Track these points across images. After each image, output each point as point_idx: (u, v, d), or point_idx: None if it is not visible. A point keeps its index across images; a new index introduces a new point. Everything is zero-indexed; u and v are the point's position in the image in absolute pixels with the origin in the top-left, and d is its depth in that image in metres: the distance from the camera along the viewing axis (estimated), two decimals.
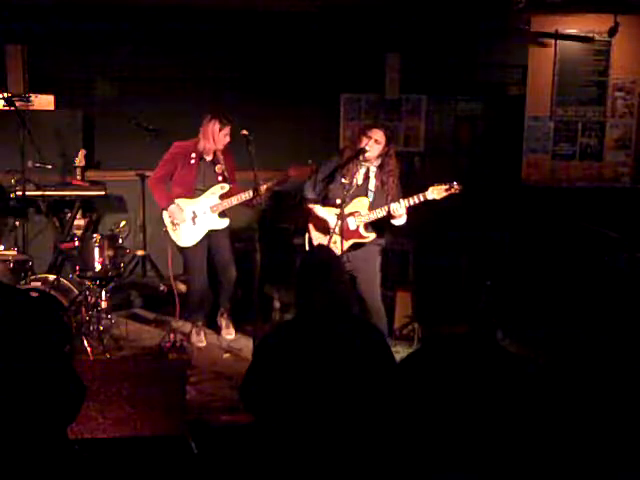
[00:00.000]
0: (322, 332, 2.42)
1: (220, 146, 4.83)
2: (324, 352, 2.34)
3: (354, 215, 4.41)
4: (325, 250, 3.20)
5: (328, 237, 4.31)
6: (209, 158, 4.89)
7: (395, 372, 1.79)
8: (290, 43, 6.49)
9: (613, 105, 6.70)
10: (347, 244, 4.41)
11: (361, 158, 4.31)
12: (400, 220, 4.35)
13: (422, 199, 4.27)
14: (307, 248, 4.58)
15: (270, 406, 2.34)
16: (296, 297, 2.56)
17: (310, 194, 4.54)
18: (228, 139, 4.84)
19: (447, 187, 4.24)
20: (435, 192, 4.25)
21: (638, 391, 3.71)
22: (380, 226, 4.47)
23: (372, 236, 4.46)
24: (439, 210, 4.48)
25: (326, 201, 4.50)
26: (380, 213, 4.35)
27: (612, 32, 6.42)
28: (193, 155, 4.83)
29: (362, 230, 4.43)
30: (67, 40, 6.24)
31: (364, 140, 4.31)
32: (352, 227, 4.42)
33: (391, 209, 4.28)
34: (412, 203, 4.28)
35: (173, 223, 4.85)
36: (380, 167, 4.43)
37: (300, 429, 2.13)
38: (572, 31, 6.52)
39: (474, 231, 5.94)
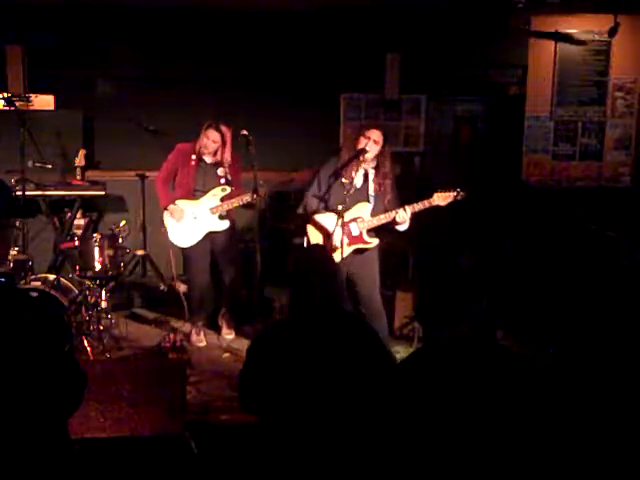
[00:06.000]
0: (316, 330, 2.42)
1: (205, 150, 4.82)
2: (317, 351, 2.33)
3: (356, 221, 4.40)
4: (319, 249, 3.21)
5: (328, 242, 4.28)
6: (210, 160, 4.90)
7: (391, 370, 1.77)
8: (290, 43, 6.49)
9: (613, 105, 6.69)
10: (350, 249, 4.40)
11: (361, 159, 4.31)
12: (404, 225, 4.34)
13: (427, 205, 4.28)
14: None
15: (268, 407, 2.34)
16: (291, 295, 2.57)
17: (314, 206, 4.48)
18: (214, 145, 4.81)
19: (454, 194, 4.26)
20: (441, 198, 4.26)
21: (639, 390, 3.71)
22: (379, 230, 4.47)
23: (375, 242, 4.44)
24: (439, 210, 4.47)
25: (327, 207, 4.48)
26: (384, 219, 4.34)
27: (612, 32, 6.42)
28: (193, 157, 4.85)
29: (365, 236, 4.41)
30: (67, 40, 6.24)
31: (362, 141, 4.30)
32: (355, 233, 4.40)
33: (397, 216, 4.28)
34: (417, 209, 4.28)
35: (172, 223, 4.86)
36: (376, 168, 4.43)
37: (300, 429, 2.12)
38: (572, 31, 6.52)
39: (474, 231, 5.94)
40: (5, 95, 5.54)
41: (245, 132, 4.27)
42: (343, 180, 4.35)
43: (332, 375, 2.19)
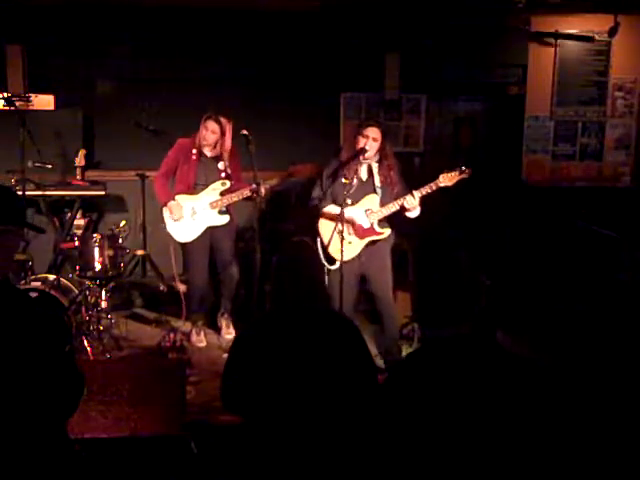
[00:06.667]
0: (293, 326, 2.41)
1: (204, 142, 4.83)
2: (296, 347, 2.33)
3: (366, 213, 4.39)
4: (296, 246, 3.20)
5: (338, 239, 4.21)
6: (210, 154, 4.90)
7: (371, 365, 1.77)
8: (290, 43, 6.49)
9: (613, 105, 6.70)
10: (363, 243, 4.39)
11: (361, 158, 4.31)
12: (415, 212, 4.31)
13: (434, 187, 4.24)
14: (320, 252, 4.50)
15: (249, 406, 2.33)
16: (272, 291, 2.57)
17: (322, 203, 4.46)
18: (213, 136, 4.82)
19: (459, 172, 4.23)
20: (447, 179, 4.23)
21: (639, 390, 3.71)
22: (390, 222, 4.45)
23: (387, 231, 4.41)
24: (439, 210, 4.47)
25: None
26: (393, 207, 4.31)
27: (612, 32, 6.42)
28: (194, 151, 4.86)
29: (376, 227, 4.39)
30: (67, 40, 6.24)
31: (361, 140, 4.29)
32: (366, 225, 4.38)
33: (405, 203, 4.26)
34: (425, 193, 4.25)
35: (172, 219, 4.86)
36: (379, 162, 4.42)
37: (286, 428, 2.12)
38: (572, 31, 6.53)
39: (474, 231, 5.93)
40: (5, 95, 5.54)
41: (245, 132, 4.27)
42: (343, 180, 4.34)
43: (312, 372, 2.17)
